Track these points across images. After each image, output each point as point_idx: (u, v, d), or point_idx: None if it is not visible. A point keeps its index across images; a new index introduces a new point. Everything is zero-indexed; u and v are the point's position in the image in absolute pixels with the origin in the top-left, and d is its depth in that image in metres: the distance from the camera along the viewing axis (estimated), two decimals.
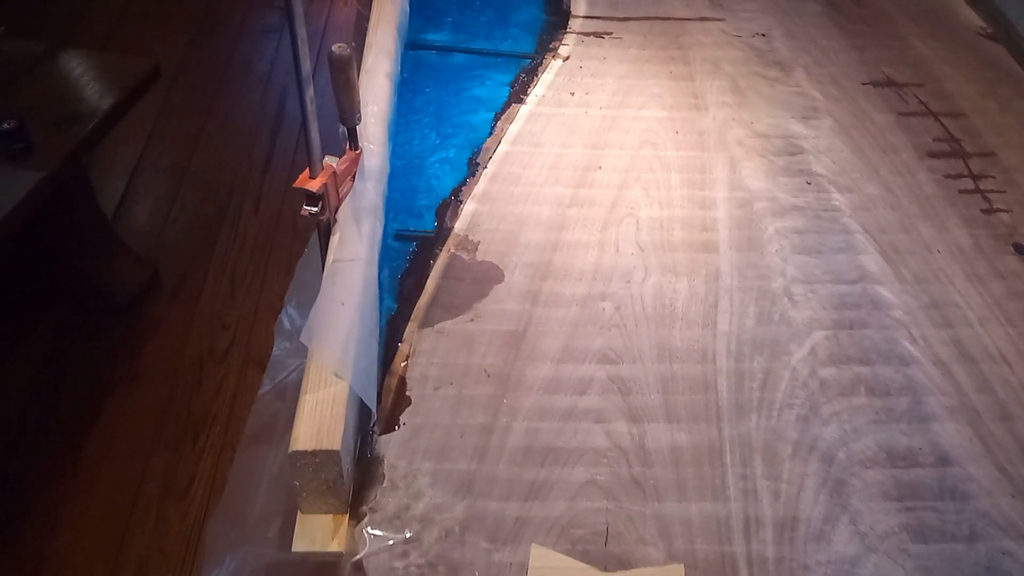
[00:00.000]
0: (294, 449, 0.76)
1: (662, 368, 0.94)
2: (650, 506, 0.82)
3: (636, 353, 0.96)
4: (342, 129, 0.96)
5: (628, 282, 1.03)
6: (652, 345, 0.96)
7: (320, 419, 0.77)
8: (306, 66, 0.84)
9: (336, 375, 0.80)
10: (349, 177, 0.98)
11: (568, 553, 0.78)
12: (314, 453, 0.76)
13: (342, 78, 0.91)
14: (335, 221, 0.95)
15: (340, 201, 0.96)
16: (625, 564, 0.77)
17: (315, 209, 0.91)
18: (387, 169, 1.08)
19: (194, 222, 2.39)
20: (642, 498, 0.82)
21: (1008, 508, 0.84)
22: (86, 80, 1.95)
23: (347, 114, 0.95)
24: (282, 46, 3.14)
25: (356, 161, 0.99)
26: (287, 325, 1.18)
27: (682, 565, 0.78)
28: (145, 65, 1.99)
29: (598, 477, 0.84)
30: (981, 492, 0.86)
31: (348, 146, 0.98)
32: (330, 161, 0.93)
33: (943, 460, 0.88)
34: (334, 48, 0.90)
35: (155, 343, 2.09)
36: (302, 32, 0.81)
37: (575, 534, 0.79)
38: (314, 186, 0.90)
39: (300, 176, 0.90)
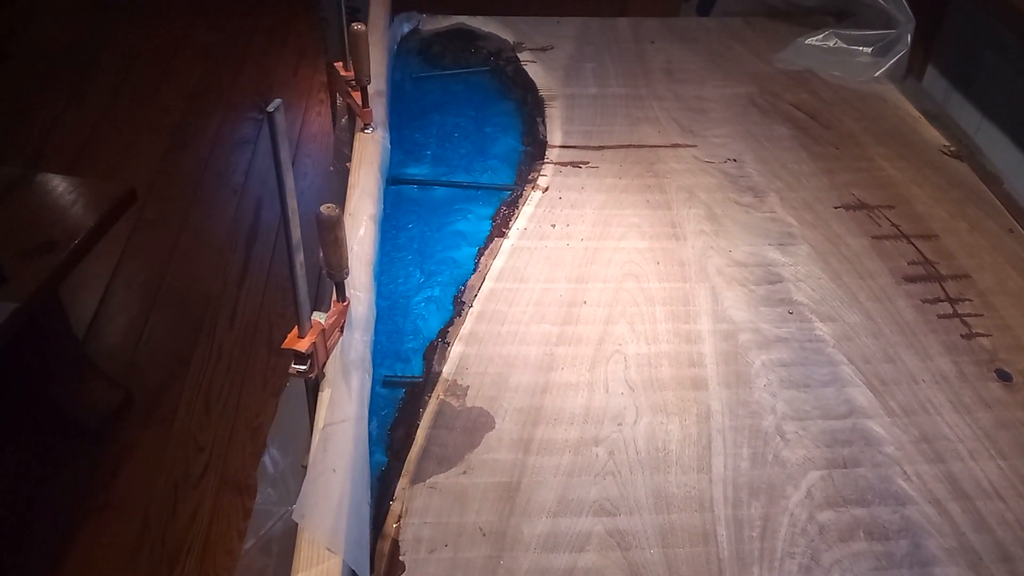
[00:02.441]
0: None
1: (660, 519, 0.93)
2: None
3: (633, 503, 0.94)
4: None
5: (620, 424, 1.03)
6: (648, 493, 0.95)
7: None
8: (296, 235, 0.84)
9: (328, 550, 0.78)
10: (337, 329, 0.97)
11: None
12: None
13: (331, 237, 0.91)
14: (323, 376, 0.94)
15: (328, 355, 0.95)
16: None
17: (303, 367, 0.90)
18: (373, 315, 1.07)
19: (167, 339, 2.36)
20: None
21: None
22: (60, 205, 1.95)
23: (335, 270, 0.95)
24: (256, 157, 3.18)
25: (344, 313, 0.98)
26: (270, 469, 1.15)
27: None
28: (120, 188, 1.99)
29: None
30: None
31: (335, 298, 0.98)
32: (318, 318, 0.92)
33: None
34: (323, 209, 0.90)
35: (128, 469, 2.03)
36: (293, 204, 0.81)
37: None
38: (303, 346, 0.89)
39: (288, 336, 0.90)
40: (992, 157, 1.64)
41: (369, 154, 1.31)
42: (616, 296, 1.21)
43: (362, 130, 1.36)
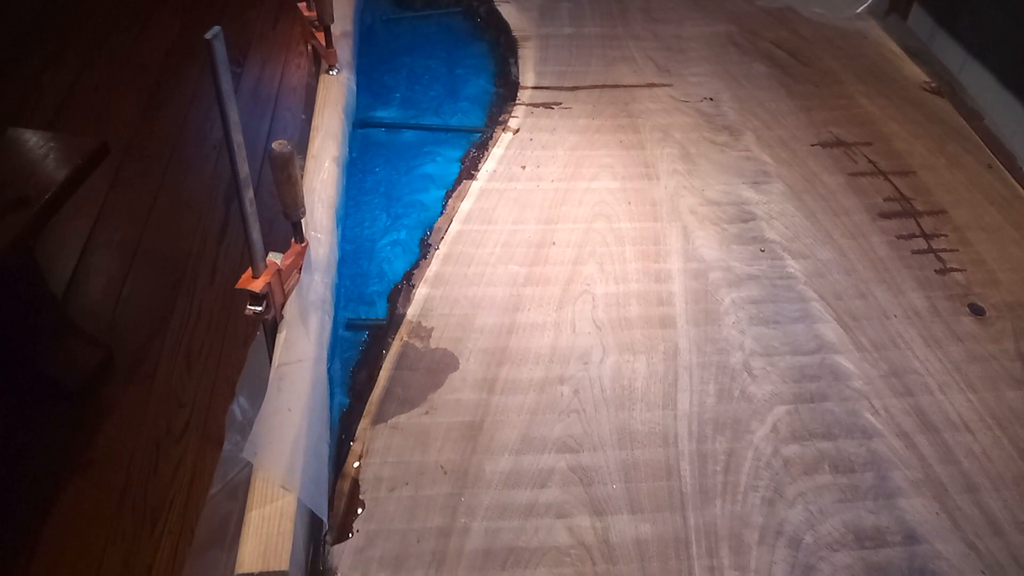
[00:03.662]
0: (240, 572, 0.72)
1: (623, 454, 0.92)
2: None
3: (596, 440, 0.93)
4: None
5: (586, 363, 1.02)
6: (612, 430, 0.94)
7: (267, 537, 0.74)
8: (244, 169, 0.82)
9: (283, 488, 0.77)
10: (295, 271, 0.95)
11: None
12: (262, 575, 0.72)
13: (284, 175, 0.89)
14: (282, 318, 0.93)
15: (286, 297, 0.93)
16: None
17: (259, 308, 0.88)
18: (336, 257, 1.05)
19: (147, 298, 2.34)
20: None
21: None
22: (32, 161, 1.91)
23: (291, 209, 0.93)
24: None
25: (302, 254, 0.96)
26: (239, 417, 1.14)
27: None
28: (92, 143, 1.96)
29: None
30: (951, 570, 0.84)
31: (293, 239, 0.96)
32: (274, 258, 0.90)
33: (911, 538, 0.86)
34: (275, 146, 0.88)
35: (110, 427, 2.02)
36: (238, 137, 0.79)
37: None
38: (257, 286, 0.87)
39: (242, 276, 0.88)
40: (975, 94, 1.61)
41: (333, 96, 1.28)
42: (586, 236, 1.19)
43: (327, 71, 1.33)
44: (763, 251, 1.19)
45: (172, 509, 1.85)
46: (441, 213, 1.21)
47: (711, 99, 1.49)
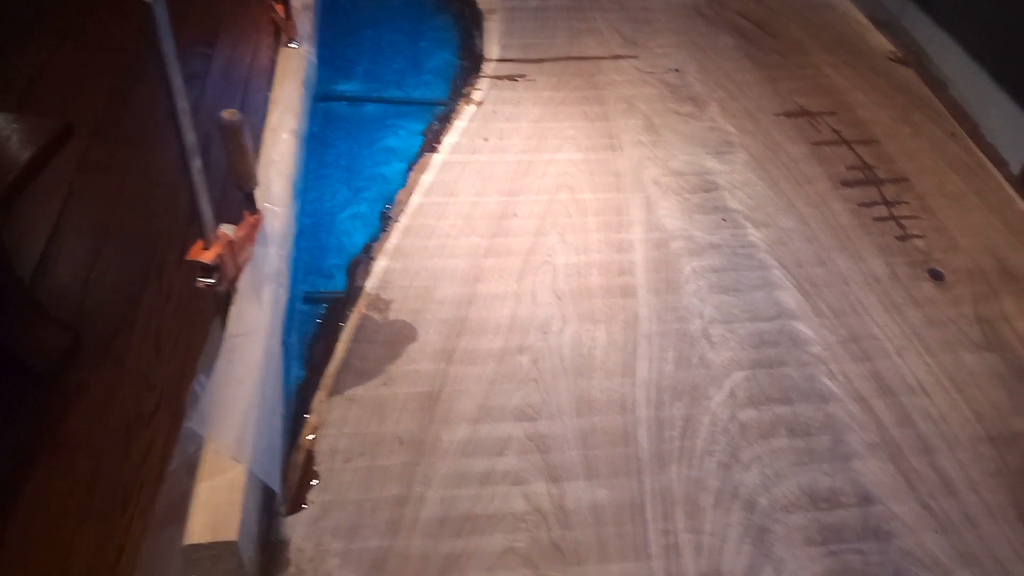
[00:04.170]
0: (188, 542, 0.72)
1: (581, 422, 0.92)
2: (571, 572, 0.79)
3: (555, 408, 0.93)
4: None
5: (546, 333, 1.01)
6: (571, 398, 0.94)
7: (216, 508, 0.73)
8: (190, 137, 0.81)
9: (234, 459, 0.76)
10: (249, 243, 0.94)
11: None
12: (210, 545, 0.72)
13: (234, 144, 0.88)
14: (235, 290, 0.92)
15: (240, 269, 0.92)
16: None
17: (211, 280, 0.87)
18: (292, 230, 1.04)
19: (117, 281, 2.31)
20: (562, 563, 0.80)
21: (932, 545, 0.84)
22: None
23: (243, 180, 0.92)
24: (206, 93, 3.09)
25: (256, 226, 0.95)
26: (200, 394, 1.13)
27: None
28: (57, 124, 1.92)
29: (517, 544, 0.81)
30: (905, 530, 0.85)
31: (246, 211, 0.95)
32: (226, 230, 0.89)
33: (866, 499, 0.87)
34: (224, 115, 0.86)
35: (79, 410, 2.00)
36: (183, 104, 0.78)
37: None
38: (208, 257, 0.86)
39: (193, 247, 0.87)
40: (942, 65, 1.61)
41: (293, 69, 1.27)
42: (548, 208, 1.19)
43: (287, 44, 1.31)
44: (725, 220, 1.19)
45: (143, 491, 1.83)
46: (402, 186, 1.20)
47: (677, 70, 1.48)
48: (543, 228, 1.15)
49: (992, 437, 0.94)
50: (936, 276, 1.13)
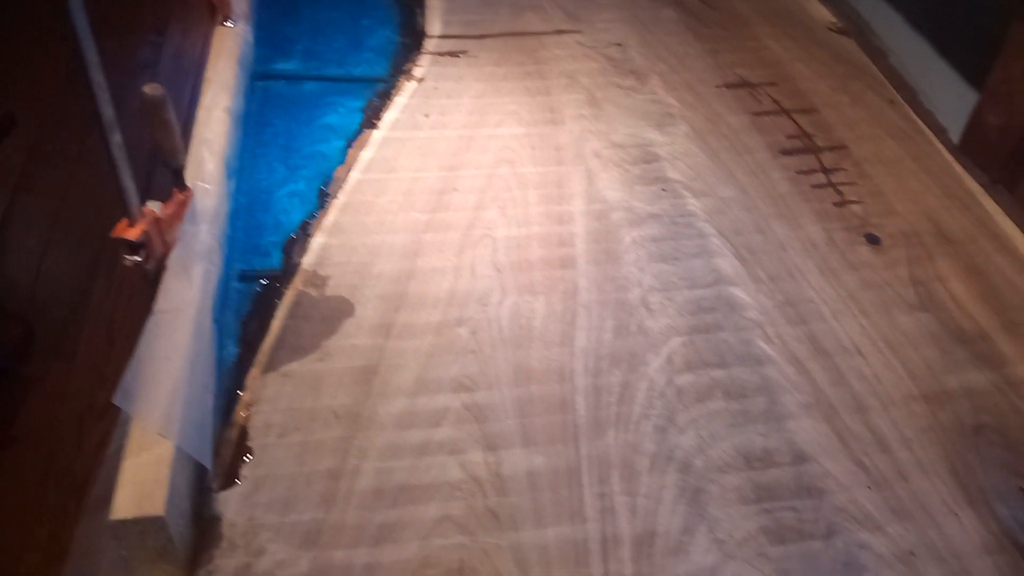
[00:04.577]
0: (114, 518, 0.71)
1: (519, 391, 0.92)
2: (506, 536, 0.79)
3: (493, 378, 0.93)
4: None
5: (485, 306, 1.01)
6: (509, 369, 0.94)
7: (142, 484, 0.72)
8: (107, 112, 0.79)
9: (161, 435, 0.76)
10: (178, 221, 0.93)
11: None
12: (136, 521, 0.71)
13: (157, 119, 0.87)
14: (165, 269, 0.90)
15: (169, 247, 0.91)
16: None
17: (138, 258, 0.86)
18: (226, 208, 1.03)
19: (68, 272, 2.28)
20: (498, 529, 0.80)
21: (865, 501, 0.85)
22: None
23: (169, 156, 0.90)
24: (156, 80, 3.04)
25: (185, 204, 0.94)
26: None
27: None
28: None
29: (453, 512, 0.81)
30: (838, 487, 0.86)
31: (175, 189, 0.94)
32: (152, 207, 0.88)
33: (800, 458, 0.88)
34: (146, 89, 0.85)
35: (32, 404, 1.97)
36: (99, 77, 0.76)
37: (428, 574, 0.76)
38: (133, 234, 0.84)
39: (118, 225, 0.85)
40: (884, 35, 1.62)
41: (228, 47, 1.25)
42: (489, 182, 1.18)
43: (222, 23, 1.30)
44: (665, 191, 1.19)
45: (97, 484, 1.81)
46: (341, 163, 1.19)
47: (619, 44, 1.48)
48: (483, 202, 1.15)
49: (925, 395, 0.96)
50: (873, 240, 1.14)
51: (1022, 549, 0.83)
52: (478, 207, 1.14)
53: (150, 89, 0.85)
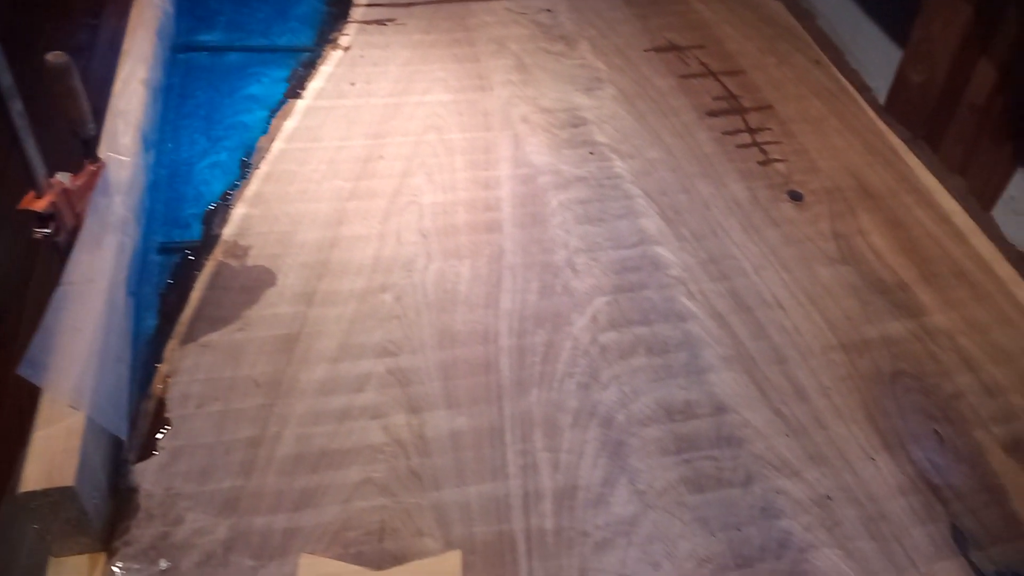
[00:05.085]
0: (23, 490, 0.70)
1: (443, 354, 0.92)
2: (428, 496, 0.79)
3: (417, 342, 0.93)
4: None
5: (410, 271, 1.01)
6: (433, 332, 0.94)
7: (52, 455, 0.71)
8: (5, 79, 0.77)
9: (71, 407, 0.74)
10: (89, 192, 0.91)
11: (340, 557, 0.75)
12: (46, 492, 0.70)
13: (62, 87, 0.84)
14: (76, 241, 0.88)
15: (80, 219, 0.89)
16: (401, 559, 0.75)
17: (48, 231, 0.84)
18: (142, 180, 1.01)
19: (4, 261, 2.22)
20: (420, 489, 0.80)
21: (783, 448, 0.87)
22: None
23: (76, 125, 0.88)
24: (93, 64, 2.97)
25: (97, 175, 0.92)
26: None
27: (459, 551, 0.76)
28: None
29: (374, 474, 0.81)
30: (756, 436, 0.87)
31: (86, 159, 0.92)
32: (61, 178, 0.86)
33: (720, 409, 0.89)
34: (49, 56, 0.83)
35: None
36: None
37: (348, 537, 0.76)
38: (40, 206, 0.83)
39: (25, 197, 0.83)
40: None
41: (145, 19, 1.22)
42: (416, 149, 1.18)
43: None
44: (592, 153, 1.19)
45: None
46: (265, 133, 1.17)
47: (549, 10, 1.48)
48: (410, 169, 1.14)
49: (844, 344, 0.98)
50: (795, 197, 1.16)
51: (936, 489, 0.86)
52: (404, 174, 1.13)
53: (53, 57, 0.83)
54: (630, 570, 0.76)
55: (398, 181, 1.12)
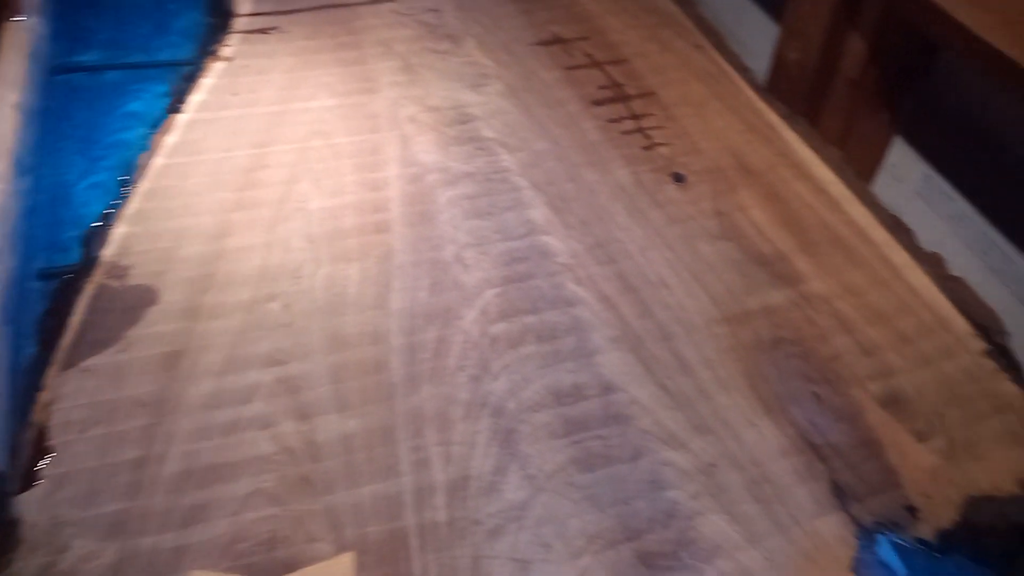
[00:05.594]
0: None
1: (334, 358, 0.92)
2: (319, 501, 0.80)
3: (306, 349, 0.93)
4: None
5: (298, 278, 1.01)
6: (323, 337, 0.94)
7: None
8: None
9: None
10: None
11: (231, 570, 0.74)
12: None
13: None
14: None
15: None
16: (292, 566, 0.75)
17: None
18: (14, 206, 0.99)
19: None
20: (311, 495, 0.80)
21: (668, 421, 0.89)
22: None
23: None
24: None
25: None
26: None
27: (352, 553, 0.76)
28: None
29: (264, 485, 0.81)
30: (643, 412, 0.90)
31: None
32: None
33: (607, 389, 0.92)
34: None
35: None
36: None
37: (239, 549, 0.76)
38: None
39: None
40: None
41: (17, 42, 1.19)
42: (301, 156, 1.17)
43: (9, 19, 1.23)
44: (480, 149, 1.21)
45: None
46: (145, 150, 1.16)
47: (435, 10, 1.49)
48: (295, 176, 1.14)
49: (727, 317, 1.01)
50: (679, 179, 1.19)
51: (817, 448, 0.89)
52: (290, 181, 1.13)
53: None
54: (522, 553, 0.77)
55: (284, 189, 1.12)
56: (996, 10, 1.01)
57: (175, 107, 1.22)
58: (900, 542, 0.83)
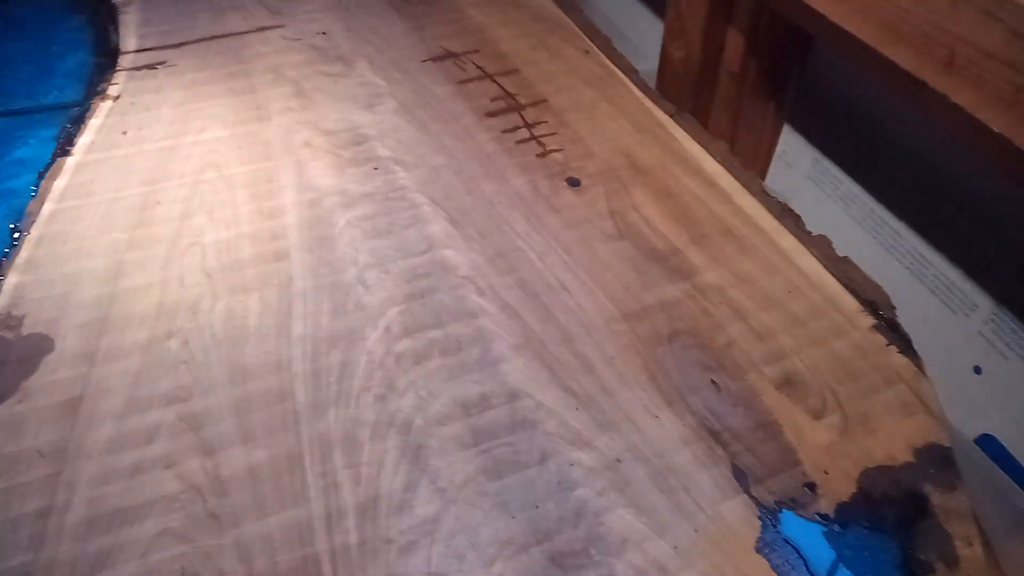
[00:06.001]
0: None
1: (236, 391, 0.92)
2: (228, 535, 0.80)
3: (207, 384, 0.93)
4: None
5: (195, 313, 1.00)
6: (224, 371, 0.94)
7: None
8: None
9: None
10: None
11: None
12: None
13: None
14: None
15: None
16: None
17: None
18: None
19: None
20: (219, 529, 0.80)
21: (574, 422, 0.91)
22: None
23: None
24: None
25: None
26: None
27: None
28: None
29: (171, 524, 0.80)
30: (549, 415, 0.92)
31: None
32: None
33: (513, 396, 0.93)
34: None
35: None
36: None
37: None
38: None
39: None
40: None
41: None
42: (194, 190, 1.17)
43: None
44: (376, 169, 1.22)
45: None
46: (33, 197, 1.13)
47: (324, 33, 1.49)
48: (189, 211, 1.13)
49: (625, 315, 1.04)
50: (574, 183, 1.22)
51: (715, 435, 0.93)
52: (184, 216, 1.12)
53: None
54: (435, 567, 0.79)
55: (178, 224, 1.11)
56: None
57: (63, 150, 1.20)
58: (802, 519, 0.87)
